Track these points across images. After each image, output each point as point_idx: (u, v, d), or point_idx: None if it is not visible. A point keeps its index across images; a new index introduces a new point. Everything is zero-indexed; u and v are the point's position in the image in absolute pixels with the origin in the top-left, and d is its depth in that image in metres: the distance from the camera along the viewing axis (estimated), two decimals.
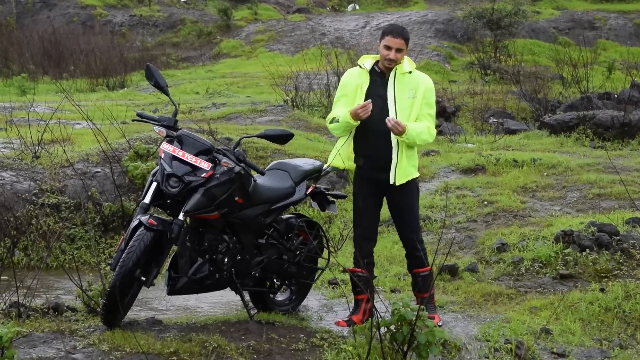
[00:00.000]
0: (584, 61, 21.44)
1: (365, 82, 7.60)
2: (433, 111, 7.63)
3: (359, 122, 7.45)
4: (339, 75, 19.63)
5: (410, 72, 7.57)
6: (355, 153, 7.68)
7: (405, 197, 7.67)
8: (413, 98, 7.49)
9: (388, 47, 7.48)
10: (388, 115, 7.42)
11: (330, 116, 7.67)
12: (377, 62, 7.67)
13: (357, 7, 41.06)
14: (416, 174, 7.69)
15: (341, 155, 7.67)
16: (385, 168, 7.56)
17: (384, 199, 7.85)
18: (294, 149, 12.71)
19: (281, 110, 17.20)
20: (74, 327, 6.95)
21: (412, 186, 7.68)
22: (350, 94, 7.63)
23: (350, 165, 7.73)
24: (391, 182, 7.53)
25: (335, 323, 7.75)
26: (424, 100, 7.53)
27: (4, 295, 7.51)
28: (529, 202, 11.66)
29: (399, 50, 7.46)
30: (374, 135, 7.52)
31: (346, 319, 7.75)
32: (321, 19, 37.36)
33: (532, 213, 11.10)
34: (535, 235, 9.92)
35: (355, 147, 7.68)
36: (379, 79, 7.60)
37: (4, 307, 7.47)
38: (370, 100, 7.39)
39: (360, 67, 7.66)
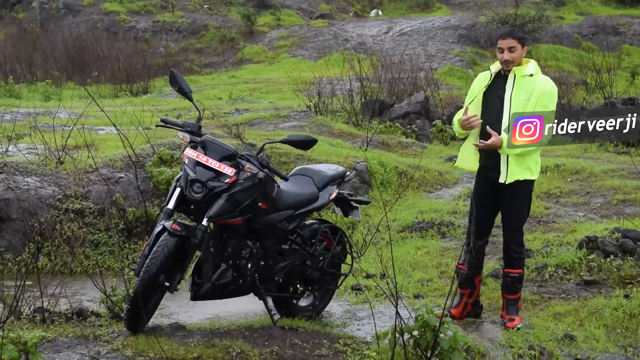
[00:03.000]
0: (608, 67, 21.35)
1: (487, 83, 7.78)
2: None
3: (466, 131, 7.72)
4: (361, 80, 19.64)
5: (531, 75, 7.66)
6: (479, 152, 7.84)
7: (513, 197, 7.77)
8: (527, 100, 7.59)
9: (501, 50, 7.68)
10: (503, 116, 7.61)
11: (454, 118, 7.89)
12: None
13: (380, 12, 41.07)
14: (529, 176, 7.75)
15: (466, 155, 7.89)
16: (498, 168, 7.71)
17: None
18: (317, 154, 12.70)
19: (304, 116, 17.19)
20: (98, 333, 6.98)
21: (522, 187, 7.75)
22: (476, 96, 7.79)
23: (473, 165, 7.92)
24: (500, 180, 7.70)
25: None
26: (538, 103, 7.59)
27: (28, 300, 7.54)
28: (552, 207, 11.61)
29: (511, 50, 7.62)
30: (489, 135, 7.66)
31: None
32: (344, 24, 37.39)
33: (556, 219, 11.05)
34: (559, 241, 9.88)
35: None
36: (500, 81, 7.76)
37: (29, 312, 7.51)
38: (477, 116, 7.62)
39: (489, 69, 7.86)
